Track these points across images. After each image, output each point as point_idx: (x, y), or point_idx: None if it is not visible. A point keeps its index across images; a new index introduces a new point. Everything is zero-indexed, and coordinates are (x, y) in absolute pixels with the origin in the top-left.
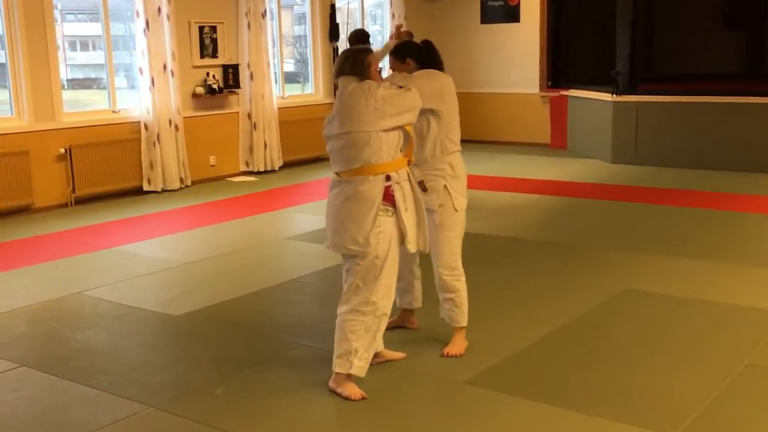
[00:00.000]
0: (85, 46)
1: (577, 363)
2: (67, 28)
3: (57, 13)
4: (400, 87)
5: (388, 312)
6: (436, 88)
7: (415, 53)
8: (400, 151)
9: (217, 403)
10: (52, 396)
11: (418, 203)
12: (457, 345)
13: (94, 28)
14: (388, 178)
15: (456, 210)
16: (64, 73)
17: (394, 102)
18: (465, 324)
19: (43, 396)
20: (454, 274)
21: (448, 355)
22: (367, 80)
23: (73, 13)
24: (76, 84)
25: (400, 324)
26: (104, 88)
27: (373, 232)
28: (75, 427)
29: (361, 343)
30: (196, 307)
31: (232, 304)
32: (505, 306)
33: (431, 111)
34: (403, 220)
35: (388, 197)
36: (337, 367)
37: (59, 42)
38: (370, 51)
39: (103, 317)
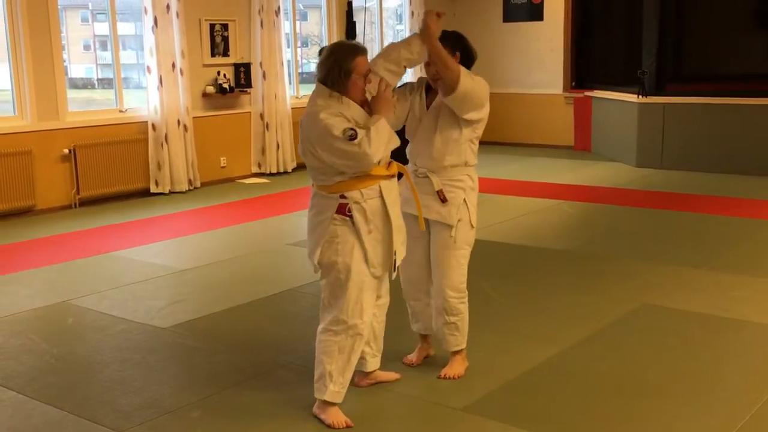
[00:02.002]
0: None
1: (586, 390)
2: (98, 28)
3: (88, 13)
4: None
5: (363, 332)
6: (486, 95)
7: (464, 49)
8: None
9: (191, 428)
10: (15, 418)
11: (396, 226)
12: (456, 366)
13: (127, 28)
14: (342, 196)
15: (472, 226)
16: (94, 73)
17: (332, 151)
18: (465, 346)
19: (5, 417)
20: (460, 297)
21: (445, 378)
22: (333, 96)
23: (104, 13)
24: (106, 83)
25: (422, 356)
26: (134, 87)
27: (327, 244)
28: None
29: (335, 366)
30: (184, 319)
31: (222, 315)
32: (511, 321)
33: (468, 120)
34: (363, 242)
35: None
36: (316, 392)
37: (90, 42)
38: (359, 51)
39: (85, 329)
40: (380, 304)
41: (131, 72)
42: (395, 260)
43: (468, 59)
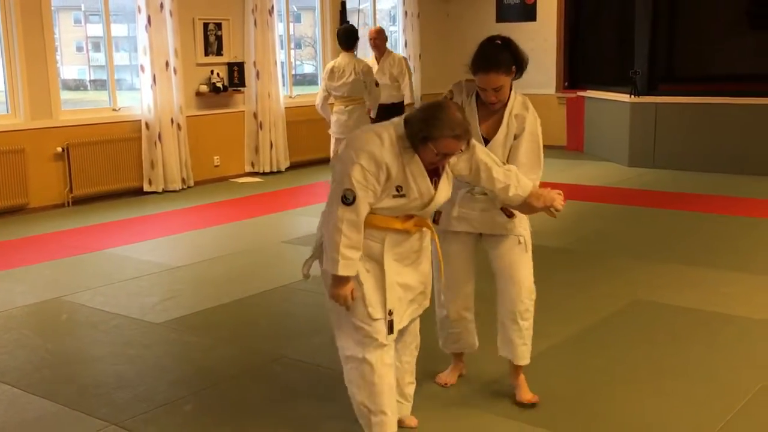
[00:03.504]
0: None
1: (576, 383)
2: (90, 30)
3: (80, 15)
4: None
5: (371, 361)
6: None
7: (519, 62)
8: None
9: (183, 421)
10: (10, 410)
11: (390, 283)
12: (525, 385)
13: (120, 29)
14: None
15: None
16: (87, 74)
17: (333, 178)
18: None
19: (1, 410)
20: (533, 297)
21: (528, 402)
22: (405, 142)
23: (97, 14)
24: (98, 84)
25: (456, 376)
26: (126, 88)
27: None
28: None
29: (365, 398)
30: (178, 315)
31: (216, 311)
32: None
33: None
34: (359, 276)
35: None
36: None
37: (82, 43)
38: (456, 135)
39: (79, 324)
40: (404, 342)
41: (124, 73)
42: (391, 320)
43: (521, 70)
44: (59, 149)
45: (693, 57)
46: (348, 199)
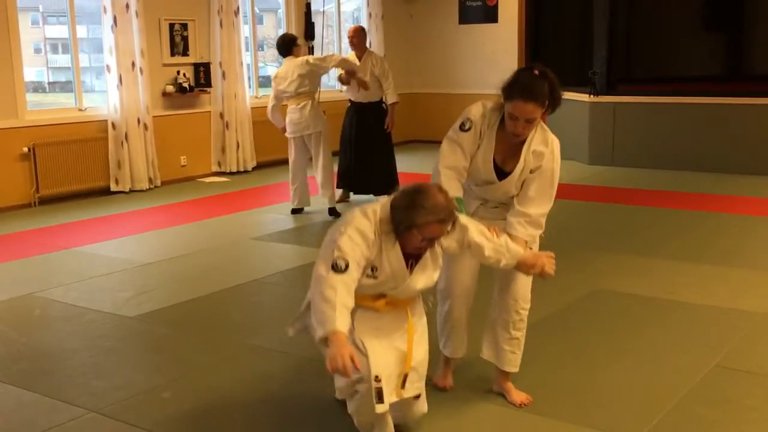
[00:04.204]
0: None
1: (540, 366)
2: (49, 31)
3: (38, 16)
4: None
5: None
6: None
7: (554, 100)
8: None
9: (162, 407)
10: None
11: (372, 352)
12: (515, 388)
13: (81, 31)
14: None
15: None
16: (45, 76)
17: (327, 240)
18: None
19: None
20: (527, 308)
21: (522, 405)
22: (387, 227)
23: (55, 16)
24: (57, 87)
25: (450, 376)
26: (87, 90)
27: None
28: None
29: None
30: (151, 309)
31: (189, 305)
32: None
33: None
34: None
35: None
36: None
37: (41, 45)
38: (440, 220)
39: (54, 319)
40: (404, 398)
41: (85, 75)
42: (379, 387)
43: (554, 106)
44: (25, 149)
45: (649, 58)
46: (339, 267)
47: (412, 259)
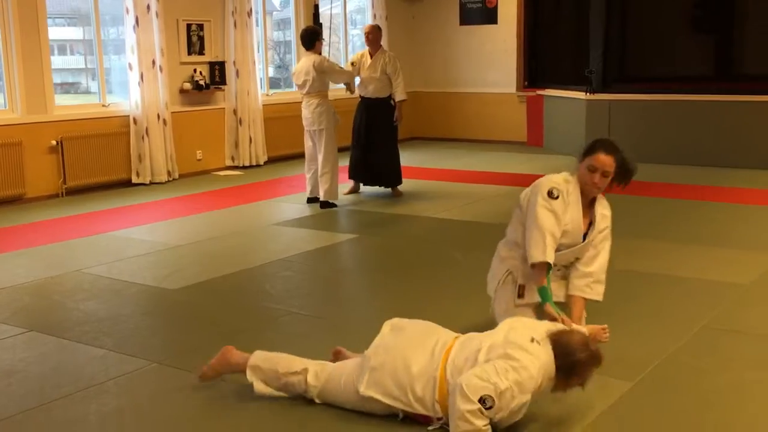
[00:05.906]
0: (70, 50)
1: None
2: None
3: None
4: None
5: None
6: None
7: (626, 174)
8: None
9: (209, 357)
10: (62, 355)
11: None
12: None
13: (89, 33)
14: None
15: None
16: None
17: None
18: None
19: (54, 355)
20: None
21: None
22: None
23: (62, 17)
24: (64, 89)
25: None
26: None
27: None
28: (87, 380)
29: None
30: (190, 283)
31: (224, 279)
32: (473, 279)
33: None
34: None
35: None
36: None
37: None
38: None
39: (103, 291)
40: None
41: (91, 75)
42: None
43: (623, 177)
44: (54, 142)
45: (643, 58)
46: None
47: None
